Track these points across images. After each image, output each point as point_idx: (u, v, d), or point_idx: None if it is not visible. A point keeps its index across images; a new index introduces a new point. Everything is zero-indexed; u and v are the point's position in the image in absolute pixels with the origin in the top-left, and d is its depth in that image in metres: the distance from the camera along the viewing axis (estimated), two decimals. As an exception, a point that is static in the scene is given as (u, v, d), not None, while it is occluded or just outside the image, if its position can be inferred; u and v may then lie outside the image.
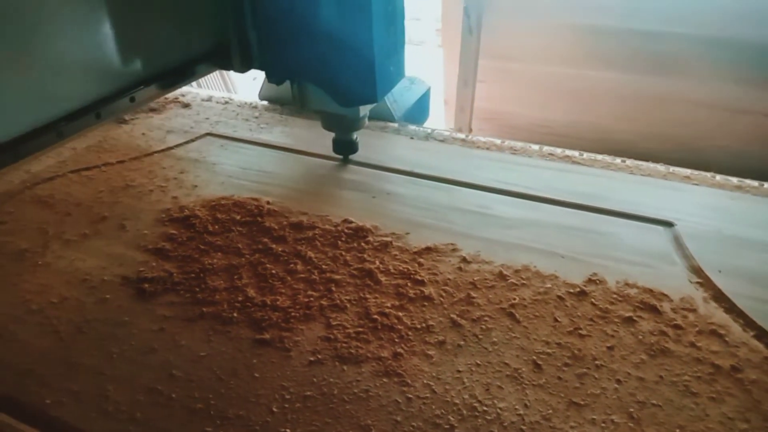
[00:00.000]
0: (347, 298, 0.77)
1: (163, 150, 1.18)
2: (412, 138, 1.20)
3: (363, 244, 0.87)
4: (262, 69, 1.02)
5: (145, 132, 1.26)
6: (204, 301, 0.77)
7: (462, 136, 1.26)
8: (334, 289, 0.78)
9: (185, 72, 1.01)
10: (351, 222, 0.92)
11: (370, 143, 1.16)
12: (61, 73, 0.79)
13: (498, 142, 1.22)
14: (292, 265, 0.83)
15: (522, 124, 2.71)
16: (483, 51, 2.56)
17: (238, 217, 0.94)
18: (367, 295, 0.77)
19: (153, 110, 1.38)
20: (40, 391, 0.65)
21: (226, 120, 1.31)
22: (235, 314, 0.75)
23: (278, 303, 0.76)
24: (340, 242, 0.88)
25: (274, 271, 0.82)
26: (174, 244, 0.89)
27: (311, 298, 0.77)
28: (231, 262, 0.84)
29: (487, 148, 1.18)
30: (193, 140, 1.22)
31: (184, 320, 0.74)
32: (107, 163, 1.14)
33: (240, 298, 0.77)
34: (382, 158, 1.11)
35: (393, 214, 0.94)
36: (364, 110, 1.03)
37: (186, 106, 1.40)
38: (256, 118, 1.32)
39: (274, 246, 0.87)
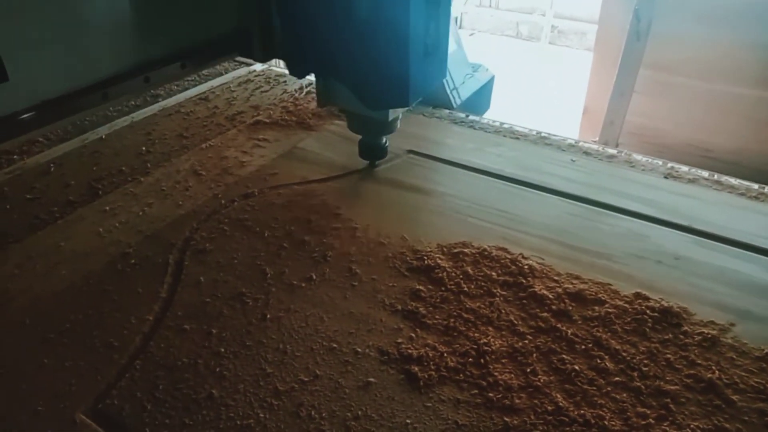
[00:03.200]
0: (698, 425, 0.56)
1: (363, 169, 1.00)
2: (666, 177, 0.98)
3: (681, 336, 0.66)
4: (284, 59, 0.92)
5: (336, 142, 1.09)
6: (500, 405, 0.59)
7: (716, 177, 1.02)
8: (672, 407, 0.58)
9: (203, 55, 0.96)
10: (648, 299, 0.71)
11: (611, 180, 0.96)
12: (76, 48, 0.79)
13: (768, 189, 0.98)
14: (597, 361, 0.63)
15: (675, 143, 2.42)
16: (645, 60, 2.29)
17: (495, 275, 0.75)
18: (726, 424, 0.57)
19: (334, 115, 1.21)
20: None
21: (423, 133, 1.12)
22: (552, 434, 0.56)
23: (606, 423, 0.57)
24: (647, 329, 0.67)
25: (576, 368, 0.62)
26: (426, 306, 0.71)
27: (648, 420, 0.57)
28: (512, 345, 0.65)
29: (758, 197, 0.95)
30: (394, 159, 1.04)
31: (486, 435, 0.56)
32: (306, 180, 0.97)
33: (549, 408, 0.58)
34: (642, 206, 0.89)
35: (700, 293, 0.73)
36: (396, 112, 0.90)
37: (369, 111, 1.22)
38: (455, 133, 1.13)
39: (560, 326, 0.67)
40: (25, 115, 0.78)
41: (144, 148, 1.11)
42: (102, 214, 0.90)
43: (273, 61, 2.87)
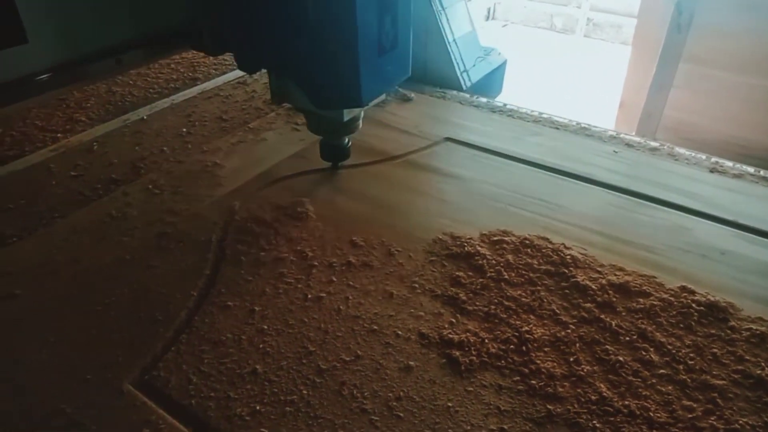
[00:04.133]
0: (747, 421, 0.55)
1: (400, 156, 1.00)
2: (711, 171, 0.96)
3: (728, 331, 0.65)
4: (233, 52, 0.84)
5: (373, 128, 1.09)
6: (543, 392, 0.58)
7: (762, 173, 1.00)
8: (720, 402, 0.57)
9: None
10: (693, 293, 0.70)
11: (655, 172, 0.94)
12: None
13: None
14: (642, 353, 0.62)
15: (711, 139, 2.36)
16: (686, 53, 2.24)
17: (536, 264, 0.74)
18: (776, 422, 0.55)
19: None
20: None
21: (461, 121, 1.12)
22: (596, 423, 0.55)
23: (651, 414, 0.56)
24: (693, 323, 0.66)
25: (620, 358, 0.62)
26: (467, 292, 0.71)
27: (694, 414, 0.56)
28: (554, 334, 0.65)
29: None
30: (432, 146, 1.03)
31: (529, 421, 0.56)
32: (344, 165, 0.97)
33: (593, 397, 0.58)
34: (686, 199, 0.88)
35: (747, 289, 0.71)
36: (353, 112, 0.84)
37: (406, 99, 1.22)
38: (494, 121, 1.12)
39: (603, 316, 0.67)
40: (42, 76, 0.82)
41: (185, 130, 1.12)
42: (145, 192, 0.92)
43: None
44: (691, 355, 0.62)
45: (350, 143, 0.92)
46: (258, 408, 0.57)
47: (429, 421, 0.56)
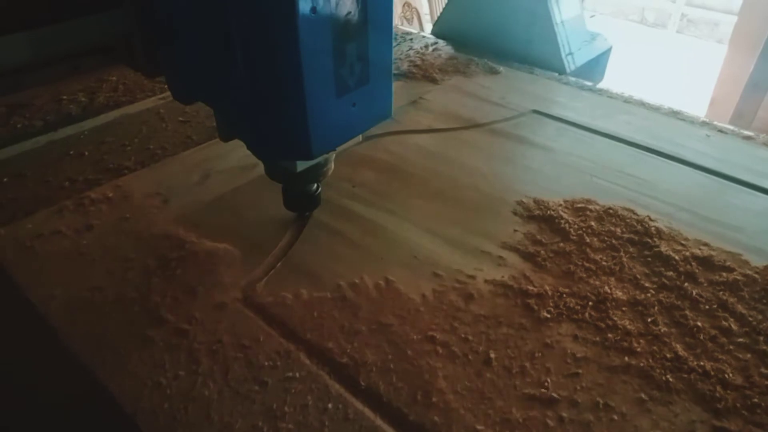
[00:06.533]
0: (828, 394, 0.55)
1: (486, 123, 1.03)
2: (810, 163, 0.93)
3: (815, 311, 0.64)
4: (164, 77, 0.70)
5: (460, 96, 1.12)
6: (618, 346, 0.60)
7: None
8: (800, 374, 0.57)
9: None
10: (780, 272, 0.69)
11: (747, 158, 0.92)
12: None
13: None
14: (721, 321, 0.63)
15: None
16: (789, 51, 2.12)
17: (619, 232, 0.76)
18: None
19: (459, 72, 1.23)
20: None
21: (548, 95, 1.12)
22: (669, 377, 0.57)
23: (726, 376, 0.57)
24: (777, 301, 0.66)
25: (699, 324, 0.63)
26: (548, 251, 0.73)
27: (772, 381, 0.56)
28: (633, 296, 0.66)
29: None
30: (517, 116, 1.05)
31: (603, 369, 0.58)
32: (432, 128, 1.01)
33: (668, 355, 0.59)
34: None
35: (838, 274, 0.70)
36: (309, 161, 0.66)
37: (494, 71, 1.23)
38: (583, 98, 1.12)
39: (686, 285, 0.67)
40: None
41: (280, 88, 1.18)
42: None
43: (396, 20, 2.89)
44: (773, 329, 0.62)
45: (320, 189, 0.75)
46: (348, 327, 0.62)
47: (514, 366, 0.59)
